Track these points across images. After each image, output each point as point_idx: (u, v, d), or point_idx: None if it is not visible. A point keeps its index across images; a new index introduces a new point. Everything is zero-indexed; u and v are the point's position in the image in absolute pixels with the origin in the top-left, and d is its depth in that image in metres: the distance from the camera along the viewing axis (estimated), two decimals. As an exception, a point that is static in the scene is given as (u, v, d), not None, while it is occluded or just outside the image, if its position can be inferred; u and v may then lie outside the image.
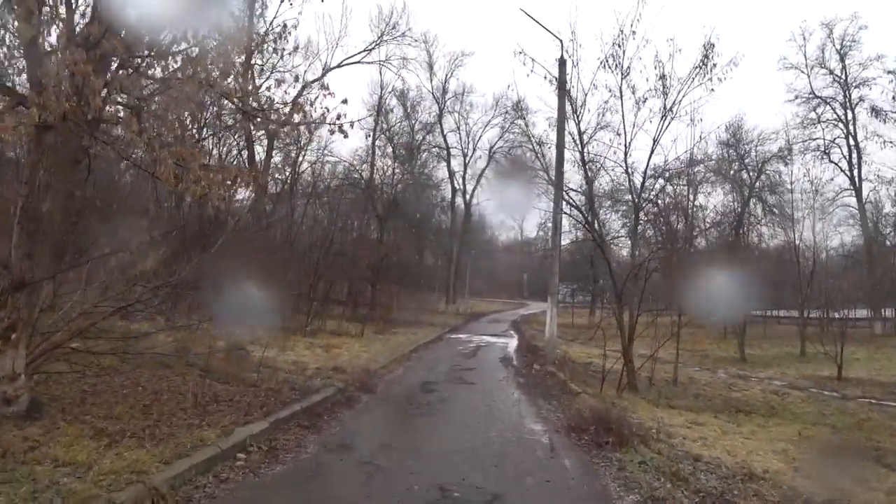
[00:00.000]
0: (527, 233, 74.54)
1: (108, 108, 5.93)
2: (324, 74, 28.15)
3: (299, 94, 29.46)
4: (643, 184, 14.09)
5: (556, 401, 10.46)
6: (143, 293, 7.90)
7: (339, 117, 8.02)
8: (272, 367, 11.01)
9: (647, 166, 13.95)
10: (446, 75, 40.89)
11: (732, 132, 35.77)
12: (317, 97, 7.08)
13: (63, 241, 9.31)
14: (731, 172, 36.86)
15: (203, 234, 17.22)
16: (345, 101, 8.21)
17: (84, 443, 5.30)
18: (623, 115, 13.57)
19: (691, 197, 19.40)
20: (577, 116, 13.61)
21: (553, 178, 14.95)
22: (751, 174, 37.27)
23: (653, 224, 20.05)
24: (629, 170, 13.86)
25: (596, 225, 14.13)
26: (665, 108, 13.41)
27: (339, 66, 28.15)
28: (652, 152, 13.78)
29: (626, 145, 13.68)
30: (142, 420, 6.31)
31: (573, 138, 14.50)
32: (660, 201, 18.84)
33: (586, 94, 13.50)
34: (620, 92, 13.41)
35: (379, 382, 11.48)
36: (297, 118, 7.64)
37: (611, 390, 11.49)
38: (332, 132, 8.25)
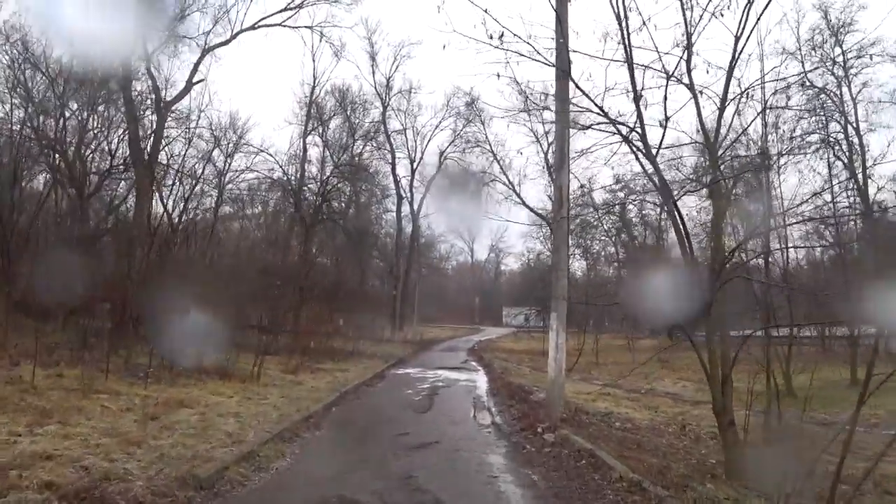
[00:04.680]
0: (478, 255, 68.16)
1: None
2: (233, 38, 21.00)
3: (199, 62, 22.27)
4: (721, 111, 7.41)
5: None
6: None
7: None
8: None
9: (727, 86, 7.28)
10: (391, 68, 34.14)
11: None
12: None
13: None
14: (706, 178, 30.82)
15: None
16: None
17: None
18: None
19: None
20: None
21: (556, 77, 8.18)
22: (727, 182, 31.36)
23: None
24: (696, 90, 7.19)
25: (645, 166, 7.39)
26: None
27: (253, 27, 21.02)
28: (735, 60, 7.19)
29: (687, 46, 7.09)
30: None
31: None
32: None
33: None
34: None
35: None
36: None
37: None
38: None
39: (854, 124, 26.46)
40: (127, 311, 14.96)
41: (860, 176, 26.03)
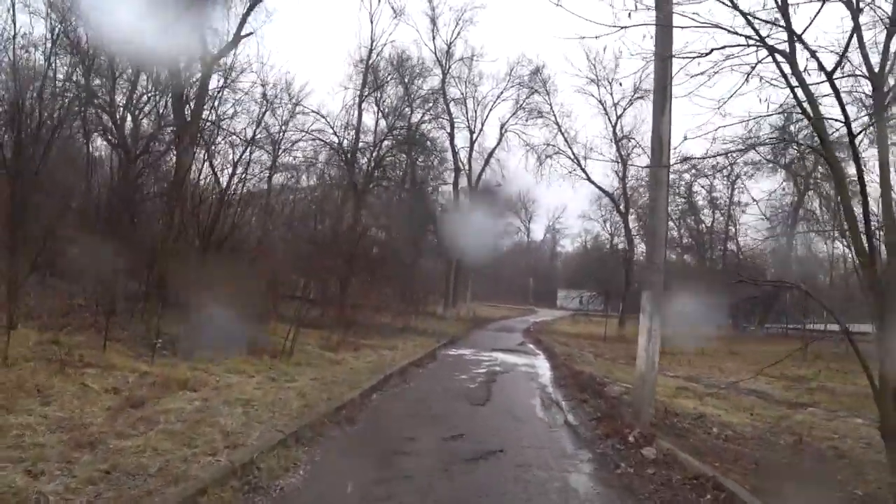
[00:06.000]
0: (534, 235, 65.70)
1: None
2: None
3: (248, 13, 20.64)
4: (890, 34, 5.12)
5: None
6: None
7: None
8: None
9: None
10: (452, 33, 31.80)
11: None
12: None
13: None
14: (785, 160, 27.26)
15: None
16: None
17: None
18: None
19: None
20: None
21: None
22: (807, 160, 27.72)
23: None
24: (855, 5, 4.92)
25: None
26: None
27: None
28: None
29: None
30: None
31: None
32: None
33: None
34: None
35: None
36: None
37: None
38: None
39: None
40: (162, 276, 13.67)
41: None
